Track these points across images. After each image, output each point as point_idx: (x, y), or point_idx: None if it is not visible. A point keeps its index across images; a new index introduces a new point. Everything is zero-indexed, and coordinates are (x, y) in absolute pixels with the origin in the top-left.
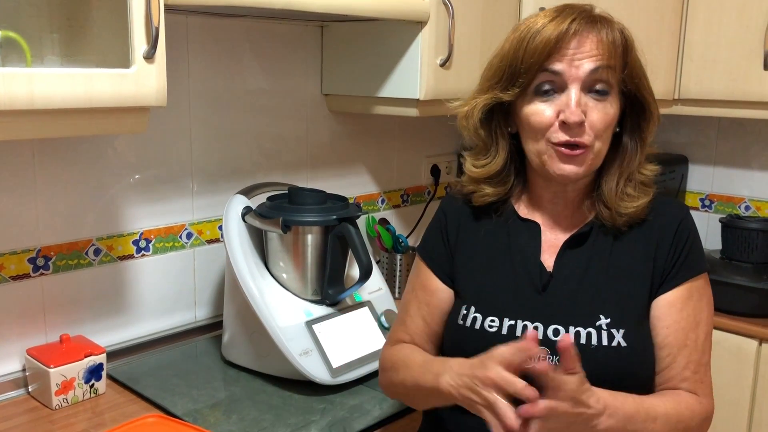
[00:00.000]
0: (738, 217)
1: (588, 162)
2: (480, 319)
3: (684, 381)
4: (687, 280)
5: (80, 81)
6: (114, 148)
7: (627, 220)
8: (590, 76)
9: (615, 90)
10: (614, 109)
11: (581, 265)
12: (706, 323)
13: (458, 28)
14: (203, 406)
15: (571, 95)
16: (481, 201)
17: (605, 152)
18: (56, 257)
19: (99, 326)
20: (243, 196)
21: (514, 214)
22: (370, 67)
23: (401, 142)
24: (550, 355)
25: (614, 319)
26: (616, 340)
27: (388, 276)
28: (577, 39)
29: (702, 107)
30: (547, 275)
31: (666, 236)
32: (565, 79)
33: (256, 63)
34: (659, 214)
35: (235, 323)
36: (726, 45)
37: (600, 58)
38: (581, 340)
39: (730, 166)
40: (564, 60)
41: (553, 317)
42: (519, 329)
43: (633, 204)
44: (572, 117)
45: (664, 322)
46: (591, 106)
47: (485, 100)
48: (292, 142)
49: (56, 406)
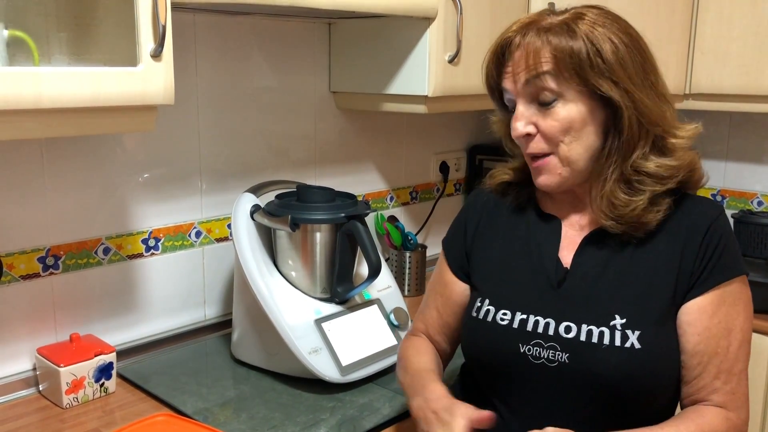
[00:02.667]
0: (751, 213)
1: (558, 170)
2: (493, 311)
3: (714, 392)
4: (719, 284)
5: (88, 80)
6: (122, 146)
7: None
8: (526, 89)
9: (572, 92)
10: (568, 113)
11: (600, 263)
12: (740, 330)
13: (466, 24)
14: (213, 404)
15: (517, 109)
16: (498, 179)
17: (582, 155)
18: (66, 256)
19: (109, 325)
20: (251, 195)
21: (536, 209)
22: (378, 64)
23: (410, 139)
24: (559, 352)
25: (630, 320)
26: (629, 341)
27: (397, 273)
28: (515, 52)
29: (713, 102)
30: (563, 271)
31: (694, 237)
32: (513, 95)
33: (263, 61)
34: (689, 214)
35: (245, 321)
36: (738, 38)
37: (530, 68)
38: (593, 338)
39: (742, 161)
40: (508, 76)
41: (566, 314)
42: (530, 324)
43: (622, 210)
44: (513, 132)
45: (695, 328)
46: (538, 116)
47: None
48: (301, 140)
49: (67, 405)
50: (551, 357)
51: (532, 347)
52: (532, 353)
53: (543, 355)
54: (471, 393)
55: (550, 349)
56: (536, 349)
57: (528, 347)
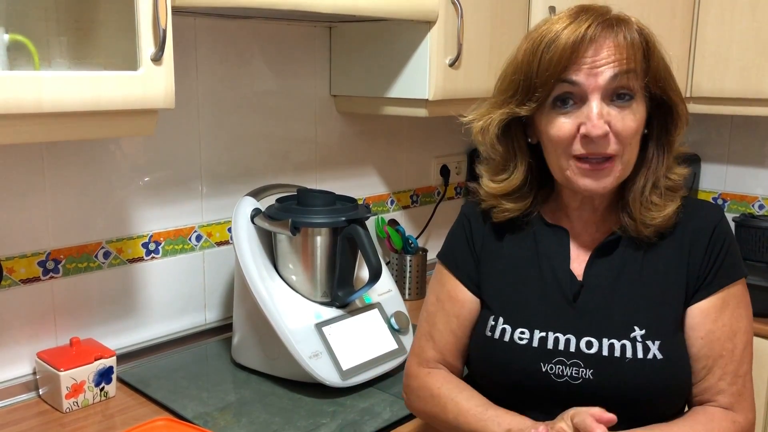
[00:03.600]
0: (752, 216)
1: (616, 174)
2: (509, 330)
3: (719, 393)
4: (723, 287)
5: (88, 84)
6: (123, 150)
7: (654, 231)
8: (611, 84)
9: (640, 94)
10: (640, 115)
11: (612, 274)
12: (744, 332)
13: (467, 27)
14: (213, 408)
15: (593, 107)
16: (501, 217)
17: (635, 160)
18: (66, 260)
19: (109, 329)
20: (252, 198)
21: (540, 220)
22: (379, 68)
23: (410, 143)
24: (582, 368)
25: (649, 330)
26: (651, 352)
27: (398, 277)
28: (594, 46)
29: (714, 105)
30: (577, 284)
31: (700, 241)
32: (584, 89)
33: (264, 64)
34: (692, 218)
35: (245, 326)
36: (739, 41)
37: (619, 64)
38: (615, 353)
39: (743, 164)
40: (582, 69)
41: (586, 329)
42: (551, 341)
43: (660, 214)
44: (594, 130)
45: (699, 332)
46: (614, 115)
47: (501, 115)
48: (301, 144)
49: (66, 409)
50: (575, 374)
51: (554, 365)
52: (555, 372)
53: (566, 373)
54: None
55: (573, 366)
56: (559, 367)
57: (550, 365)
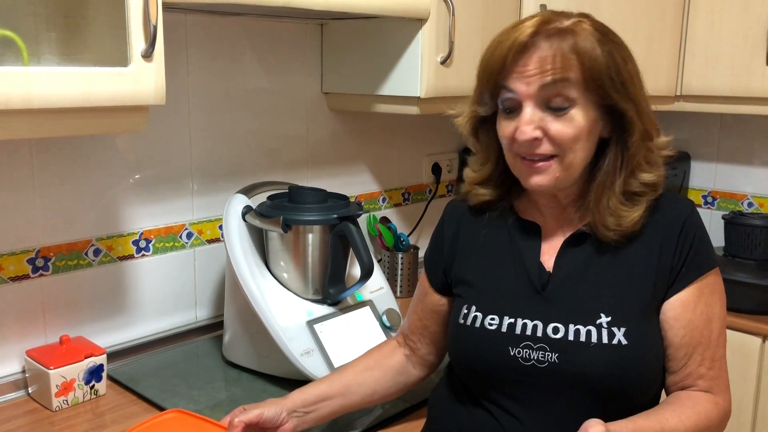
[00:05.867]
0: (741, 214)
1: (555, 173)
2: (480, 317)
3: (700, 378)
4: (697, 278)
5: (78, 80)
6: (113, 147)
7: (618, 234)
8: (541, 93)
9: (583, 100)
10: (580, 122)
11: (581, 264)
12: (719, 318)
13: (458, 25)
14: (204, 407)
15: (525, 113)
16: (476, 200)
17: (582, 162)
18: (56, 258)
19: (99, 327)
20: (243, 196)
21: (514, 216)
22: (371, 65)
23: (402, 141)
24: (548, 352)
25: (615, 317)
26: (616, 338)
27: (389, 275)
28: (530, 54)
29: (704, 103)
30: (546, 274)
31: (671, 235)
32: (519, 96)
33: (255, 62)
34: (663, 212)
35: (236, 323)
36: (728, 40)
37: (550, 73)
38: (581, 337)
39: (732, 162)
40: (519, 78)
41: (553, 316)
42: (519, 327)
43: (622, 220)
44: (521, 135)
45: (680, 322)
46: (549, 121)
47: (469, 114)
48: (293, 141)
49: (56, 407)
50: (541, 358)
51: (521, 349)
52: (522, 355)
53: (533, 357)
54: (459, 394)
55: (539, 351)
56: (526, 351)
57: (517, 350)
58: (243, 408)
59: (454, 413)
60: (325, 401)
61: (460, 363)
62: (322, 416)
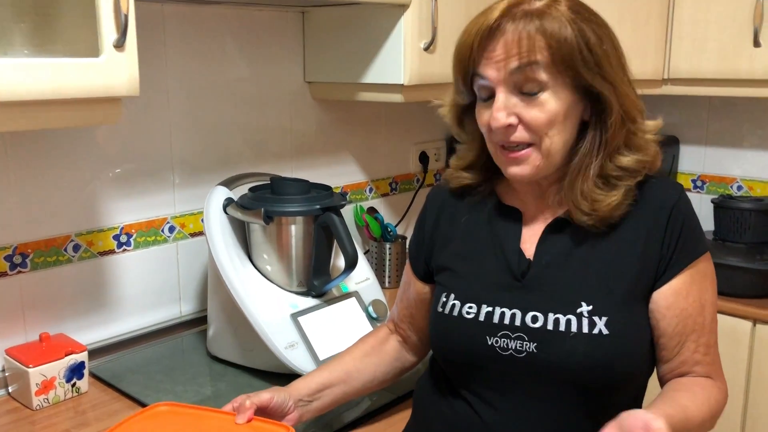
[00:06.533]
0: (730, 198)
1: (535, 162)
2: (459, 306)
3: (697, 365)
4: (688, 265)
5: (47, 71)
6: (92, 141)
7: (597, 220)
8: (512, 78)
9: (555, 83)
10: (555, 106)
11: (563, 252)
12: (711, 303)
13: (441, 10)
14: (188, 402)
15: (498, 99)
16: (457, 183)
17: (562, 148)
18: (34, 254)
19: (80, 324)
20: (224, 188)
21: (495, 202)
22: (353, 53)
23: (388, 130)
24: (527, 342)
25: (596, 306)
26: (597, 327)
27: (377, 265)
28: (494, 39)
29: (692, 86)
30: (526, 262)
31: (659, 222)
32: (491, 82)
33: (236, 51)
34: (650, 198)
35: (220, 318)
36: (715, 22)
37: (520, 57)
38: (560, 327)
39: (721, 145)
40: (489, 63)
41: (532, 305)
42: (497, 316)
43: (596, 204)
44: (494, 122)
45: (673, 311)
46: (522, 107)
47: (450, 103)
48: (276, 132)
49: (37, 406)
50: (519, 347)
51: (499, 339)
52: (500, 345)
53: (511, 346)
54: (440, 385)
55: (517, 340)
56: (504, 340)
57: (495, 339)
58: (247, 396)
59: (436, 403)
60: (328, 389)
61: (439, 352)
62: (325, 405)
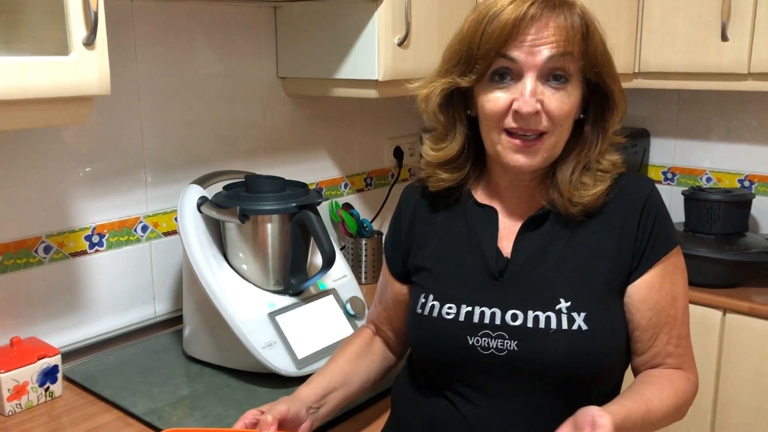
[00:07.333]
0: (700, 189)
1: (544, 152)
2: (438, 306)
3: (668, 357)
4: (660, 258)
5: (14, 70)
6: (61, 140)
7: (582, 209)
8: (547, 64)
9: (576, 77)
10: (574, 98)
11: (539, 249)
12: (682, 296)
13: (415, 5)
14: (165, 404)
15: (527, 84)
16: (436, 186)
17: (563, 143)
18: (3, 257)
19: (53, 327)
20: (198, 186)
21: (471, 201)
22: (327, 48)
23: (362, 125)
24: (507, 340)
25: (575, 302)
26: (576, 323)
27: (354, 261)
28: (535, 25)
29: (662, 80)
30: (503, 261)
31: (632, 217)
32: (521, 66)
33: (207, 47)
34: (623, 193)
35: (196, 318)
36: (684, 17)
37: (557, 45)
38: (540, 324)
39: (691, 138)
40: (521, 47)
41: (512, 303)
42: (476, 315)
43: (588, 193)
44: (525, 107)
45: (647, 304)
46: (548, 95)
47: (443, 84)
48: (249, 128)
49: (9, 412)
50: (500, 346)
51: (480, 338)
52: (481, 344)
53: (492, 345)
54: (420, 383)
55: (498, 339)
56: (484, 339)
57: (476, 338)
58: (259, 410)
59: (415, 403)
60: (331, 393)
61: (420, 353)
62: (329, 410)
